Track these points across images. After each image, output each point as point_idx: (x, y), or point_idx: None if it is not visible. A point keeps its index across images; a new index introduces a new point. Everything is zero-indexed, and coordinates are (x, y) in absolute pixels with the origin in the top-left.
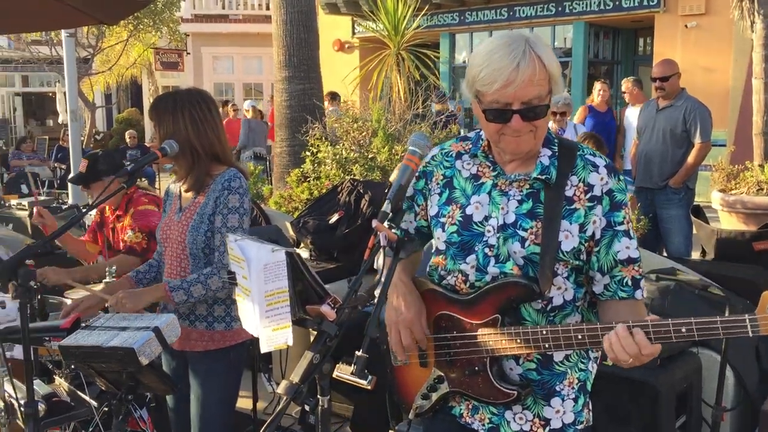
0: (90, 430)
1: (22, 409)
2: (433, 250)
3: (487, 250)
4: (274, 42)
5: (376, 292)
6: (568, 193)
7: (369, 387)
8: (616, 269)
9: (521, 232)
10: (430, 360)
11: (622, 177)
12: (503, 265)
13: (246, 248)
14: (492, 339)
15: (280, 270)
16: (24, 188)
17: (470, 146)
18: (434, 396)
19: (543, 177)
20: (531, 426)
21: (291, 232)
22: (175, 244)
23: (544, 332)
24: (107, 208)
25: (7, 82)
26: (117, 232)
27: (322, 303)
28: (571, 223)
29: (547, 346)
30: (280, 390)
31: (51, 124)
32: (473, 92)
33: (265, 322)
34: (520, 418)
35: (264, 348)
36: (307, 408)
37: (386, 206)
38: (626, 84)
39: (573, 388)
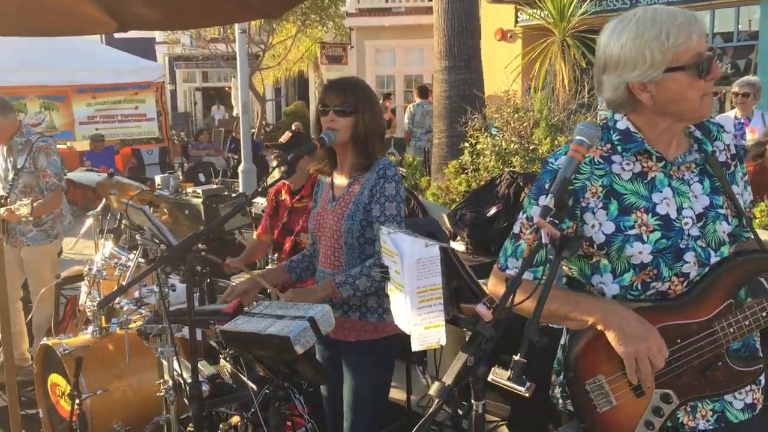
0: (250, 411)
1: (187, 389)
2: (613, 271)
3: (699, 242)
4: (435, 32)
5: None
6: (721, 159)
7: (527, 394)
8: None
9: (721, 211)
10: (650, 384)
11: None
12: (720, 251)
13: (399, 242)
14: (734, 326)
15: (434, 266)
16: (201, 177)
17: (609, 146)
18: (659, 421)
19: (712, 150)
20: (751, 395)
21: (448, 225)
22: (329, 233)
23: None
24: (283, 191)
25: (189, 77)
26: (297, 213)
27: (478, 302)
28: (738, 186)
29: None
30: (431, 391)
31: (227, 116)
32: (666, 63)
33: (417, 319)
34: (740, 393)
35: (416, 346)
36: (460, 412)
37: (548, 200)
38: None
39: (757, 339)
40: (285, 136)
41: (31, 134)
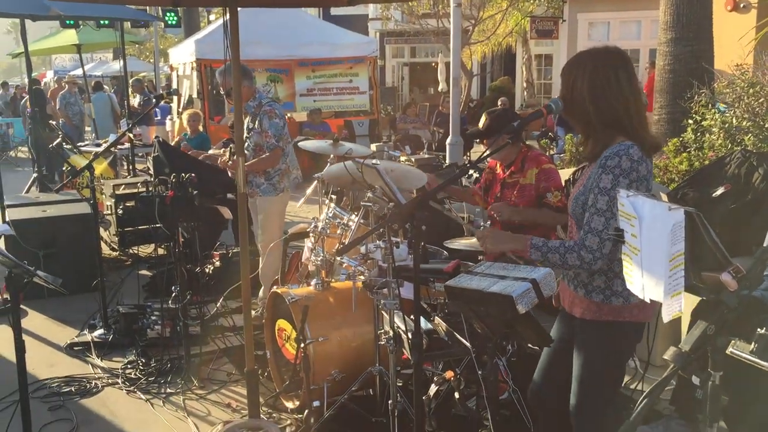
0: (461, 368)
1: (410, 340)
2: None
3: None
4: (662, 1)
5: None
6: None
7: None
8: None
9: None
10: None
11: None
12: None
13: (638, 205)
14: None
15: (677, 231)
16: (407, 148)
17: None
18: None
19: None
20: None
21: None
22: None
23: None
24: (498, 165)
25: (397, 53)
26: (508, 187)
27: (722, 271)
28: None
29: None
30: (667, 356)
31: (431, 91)
32: None
33: (660, 286)
34: None
35: (666, 316)
36: (696, 381)
37: None
38: None
39: None
40: (483, 123)
41: (263, 98)
